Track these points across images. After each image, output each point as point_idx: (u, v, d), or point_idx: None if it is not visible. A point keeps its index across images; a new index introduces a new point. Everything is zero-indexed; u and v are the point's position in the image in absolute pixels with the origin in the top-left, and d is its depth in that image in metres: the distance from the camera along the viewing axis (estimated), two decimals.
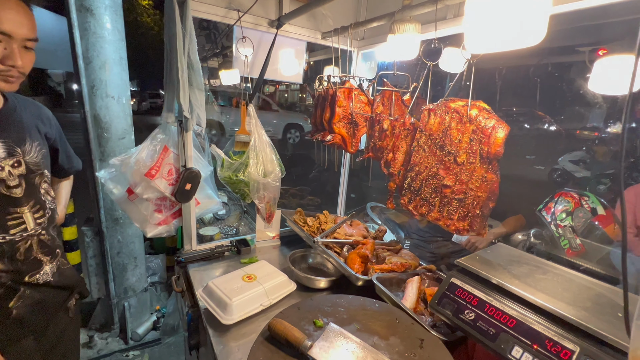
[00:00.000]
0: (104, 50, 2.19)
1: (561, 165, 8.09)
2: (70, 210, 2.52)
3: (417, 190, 1.35)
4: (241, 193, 1.75)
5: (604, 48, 3.14)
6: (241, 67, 1.82)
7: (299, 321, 1.09)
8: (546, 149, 9.43)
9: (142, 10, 14.79)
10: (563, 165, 8.06)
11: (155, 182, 1.63)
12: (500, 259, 1.15)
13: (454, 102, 1.21)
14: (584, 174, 7.52)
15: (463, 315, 1.01)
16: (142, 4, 14.49)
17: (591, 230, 1.94)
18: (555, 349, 0.83)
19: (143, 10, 14.81)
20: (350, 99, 1.69)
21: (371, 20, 1.58)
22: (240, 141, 1.75)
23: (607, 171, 6.96)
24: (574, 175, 7.67)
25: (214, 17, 1.63)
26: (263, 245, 1.99)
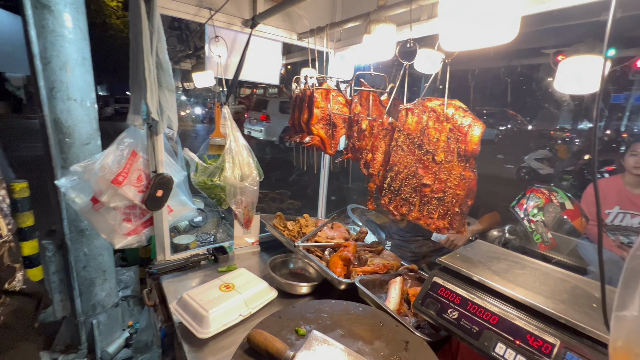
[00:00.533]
0: (65, 50, 2.04)
1: (527, 164, 8.56)
2: (29, 222, 2.32)
3: (397, 190, 1.34)
4: (217, 198, 1.68)
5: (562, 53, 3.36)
6: (215, 68, 1.76)
7: (280, 330, 1.04)
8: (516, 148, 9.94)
9: (111, 12, 14.16)
10: (529, 164, 8.53)
11: (123, 189, 1.52)
12: (480, 255, 1.16)
13: (431, 101, 1.22)
14: (547, 171, 8.00)
15: (446, 315, 1.01)
16: (110, 6, 13.88)
17: (561, 224, 2.03)
18: (536, 343, 0.83)
19: (111, 12, 14.18)
20: (328, 100, 1.67)
21: (347, 21, 1.57)
22: (215, 144, 1.68)
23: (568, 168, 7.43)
24: (539, 172, 8.14)
25: (184, 15, 1.56)
26: (242, 252, 1.91)
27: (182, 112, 3.36)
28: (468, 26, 0.76)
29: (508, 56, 3.69)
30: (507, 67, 3.92)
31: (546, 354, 0.81)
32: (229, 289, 1.32)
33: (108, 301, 2.64)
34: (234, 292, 1.31)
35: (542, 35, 2.32)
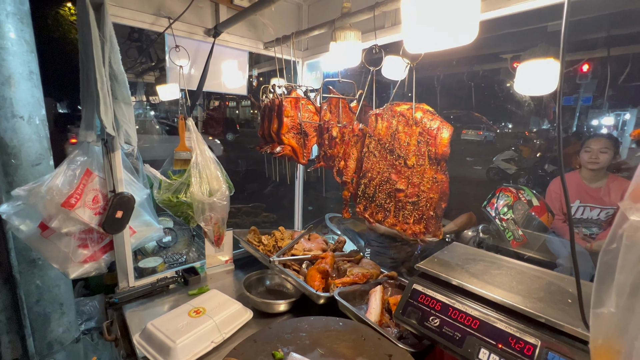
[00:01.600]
0: (7, 64, 1.86)
1: (496, 164, 9.01)
2: None
3: (372, 196, 1.31)
4: (184, 216, 1.57)
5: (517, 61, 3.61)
6: (177, 79, 1.68)
7: (255, 356, 0.96)
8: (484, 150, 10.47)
9: (70, 26, 13.50)
10: (497, 164, 8.99)
11: (76, 212, 1.38)
12: (457, 258, 1.15)
13: (399, 106, 1.22)
14: (514, 171, 8.46)
15: (428, 323, 0.98)
16: (69, 20, 13.24)
17: (530, 220, 2.11)
18: (518, 345, 0.82)
19: (71, 26, 13.53)
20: (297, 109, 1.64)
21: (312, 29, 1.55)
22: (179, 159, 1.59)
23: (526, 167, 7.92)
24: (507, 172, 8.59)
25: (140, 24, 1.47)
26: (215, 271, 1.80)
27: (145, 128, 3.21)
28: (430, 29, 0.75)
29: (470, 62, 3.90)
30: (470, 72, 4.14)
31: (528, 355, 0.79)
32: (199, 314, 1.22)
33: (67, 337, 2.39)
34: (205, 317, 1.21)
35: (500, 41, 2.46)
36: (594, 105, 11.14)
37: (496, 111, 10.80)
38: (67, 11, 13.94)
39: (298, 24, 2.02)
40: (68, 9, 14.13)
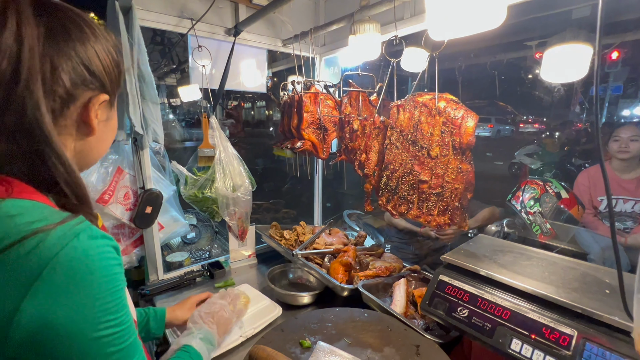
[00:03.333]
0: None
1: (518, 159, 8.69)
2: None
3: (394, 188, 1.31)
4: (209, 211, 1.62)
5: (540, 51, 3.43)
6: (199, 78, 1.72)
7: (283, 344, 0.98)
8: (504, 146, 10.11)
9: None
10: (520, 159, 8.67)
11: (110, 208, 1.46)
12: (484, 250, 1.13)
13: (421, 96, 1.20)
14: (538, 165, 8.12)
15: (456, 314, 0.96)
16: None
17: (558, 213, 2.02)
18: (553, 336, 0.80)
19: None
20: (317, 104, 1.65)
21: (331, 24, 1.56)
22: (204, 156, 1.63)
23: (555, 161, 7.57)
24: (530, 167, 8.26)
25: (165, 27, 1.53)
26: (238, 265, 1.85)
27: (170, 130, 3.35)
28: (455, 13, 0.74)
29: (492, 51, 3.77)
30: (493, 61, 4.00)
31: (564, 346, 0.77)
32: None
33: None
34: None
35: (524, 28, 2.38)
36: (624, 95, 10.52)
37: (522, 101, 10.30)
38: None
39: (315, 19, 2.02)
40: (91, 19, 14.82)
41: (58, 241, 0.43)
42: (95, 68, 0.52)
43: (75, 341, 0.43)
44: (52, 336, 0.42)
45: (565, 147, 7.62)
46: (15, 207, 0.44)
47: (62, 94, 0.48)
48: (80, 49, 0.50)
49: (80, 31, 0.51)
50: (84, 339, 0.44)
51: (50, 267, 0.41)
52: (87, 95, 0.52)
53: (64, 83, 0.48)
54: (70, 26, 0.50)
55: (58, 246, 0.43)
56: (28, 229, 0.42)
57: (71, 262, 0.43)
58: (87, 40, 0.51)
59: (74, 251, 0.43)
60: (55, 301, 0.42)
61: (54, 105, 0.48)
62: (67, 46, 0.49)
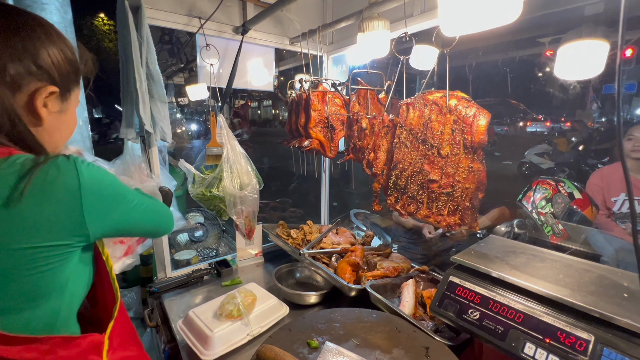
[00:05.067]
0: None
1: (528, 159, 8.53)
2: None
3: (403, 188, 1.29)
4: (217, 210, 1.62)
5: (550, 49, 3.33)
6: (208, 77, 1.73)
7: (291, 344, 0.97)
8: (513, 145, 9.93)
9: (103, 36, 14.32)
10: (530, 159, 8.51)
11: None
12: (495, 251, 1.11)
13: (432, 94, 1.18)
14: (549, 165, 7.96)
15: (467, 316, 0.94)
16: (102, 30, 14.02)
17: (571, 214, 1.98)
18: (569, 340, 0.77)
19: (104, 35, 14.34)
20: (324, 102, 1.64)
21: (339, 21, 1.55)
22: (211, 154, 1.64)
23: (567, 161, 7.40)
24: (540, 167, 8.10)
25: (174, 25, 1.53)
26: (245, 264, 1.85)
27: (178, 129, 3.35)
28: (470, 8, 0.72)
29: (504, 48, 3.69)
30: (505, 59, 3.91)
31: (580, 351, 0.75)
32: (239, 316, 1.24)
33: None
34: (242, 320, 1.23)
35: (536, 24, 2.32)
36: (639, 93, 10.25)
37: (534, 99, 10.03)
38: (101, 21, 14.75)
39: (323, 17, 2.01)
40: (101, 19, 14.95)
41: (66, 162, 0.56)
42: (43, 62, 0.59)
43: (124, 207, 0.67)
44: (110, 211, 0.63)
45: (579, 147, 7.44)
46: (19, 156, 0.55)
47: (8, 81, 0.55)
48: (28, 45, 0.58)
49: (31, 31, 0.59)
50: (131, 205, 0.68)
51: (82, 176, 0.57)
52: (34, 85, 0.59)
53: (9, 71, 0.55)
54: (22, 26, 0.58)
55: (67, 165, 0.56)
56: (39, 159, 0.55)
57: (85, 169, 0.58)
58: (36, 38, 0.59)
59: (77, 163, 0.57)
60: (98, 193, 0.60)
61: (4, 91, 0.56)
62: (14, 41, 0.56)
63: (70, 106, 0.68)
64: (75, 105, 0.70)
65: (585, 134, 7.73)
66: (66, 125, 0.69)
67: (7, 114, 0.56)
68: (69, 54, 0.64)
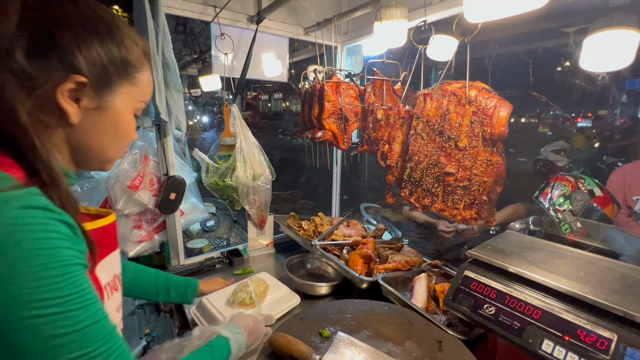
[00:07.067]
0: None
1: (544, 156, 8.29)
2: None
3: (418, 181, 1.27)
4: (230, 199, 1.64)
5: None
6: (221, 68, 1.73)
7: (303, 333, 0.98)
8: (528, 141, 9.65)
9: None
10: (546, 156, 8.27)
11: (139, 194, 1.49)
12: (512, 246, 1.08)
13: (450, 85, 1.15)
14: (565, 163, 7.72)
15: (482, 311, 0.93)
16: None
17: (590, 212, 1.92)
18: (589, 338, 0.75)
19: None
20: (338, 93, 1.62)
21: (355, 10, 1.52)
22: (225, 144, 1.65)
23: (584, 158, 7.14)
24: (556, 164, 7.87)
25: (189, 14, 1.53)
26: (257, 254, 1.87)
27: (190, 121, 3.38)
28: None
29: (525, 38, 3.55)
30: (527, 49, 3.75)
31: (602, 350, 0.73)
32: (251, 304, 1.25)
33: (124, 310, 2.62)
34: (254, 308, 1.24)
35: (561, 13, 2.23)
36: None
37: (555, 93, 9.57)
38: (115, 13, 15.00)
39: (338, 6, 1.97)
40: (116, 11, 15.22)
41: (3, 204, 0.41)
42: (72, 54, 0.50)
43: (3, 319, 0.40)
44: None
45: (595, 144, 7.19)
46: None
47: (16, 70, 0.47)
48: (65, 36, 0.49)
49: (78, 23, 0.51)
50: (13, 317, 0.40)
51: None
52: (54, 75, 0.49)
53: (18, 59, 0.46)
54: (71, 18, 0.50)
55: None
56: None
57: (5, 227, 0.40)
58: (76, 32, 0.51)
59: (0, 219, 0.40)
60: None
61: (13, 85, 0.47)
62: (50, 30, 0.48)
63: (115, 105, 0.57)
64: (126, 106, 0.60)
65: (606, 131, 7.45)
66: (110, 125, 0.58)
67: (3, 109, 0.46)
68: (115, 50, 0.55)
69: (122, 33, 0.57)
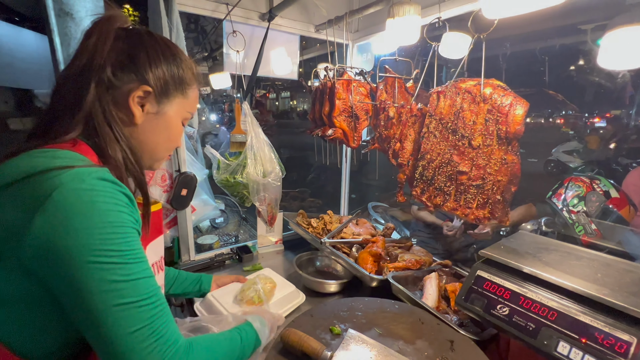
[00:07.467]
0: None
1: (555, 157, 8.11)
2: None
3: (430, 179, 1.26)
4: (240, 196, 1.65)
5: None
6: (232, 66, 1.74)
7: (313, 330, 0.98)
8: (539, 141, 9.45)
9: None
10: (557, 157, 8.09)
11: (150, 189, 1.51)
12: (526, 247, 1.06)
13: (465, 82, 1.14)
14: (577, 164, 7.54)
15: (495, 311, 0.92)
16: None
17: (606, 214, 1.87)
18: (607, 341, 0.74)
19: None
20: (349, 91, 1.61)
21: (367, 7, 1.51)
22: (236, 141, 1.65)
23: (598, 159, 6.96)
24: (568, 165, 7.69)
25: (202, 12, 1.54)
26: (266, 251, 1.88)
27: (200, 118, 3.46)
28: None
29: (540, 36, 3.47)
30: (544, 47, 3.66)
31: (621, 353, 0.71)
32: (260, 302, 1.25)
33: None
34: (263, 306, 1.24)
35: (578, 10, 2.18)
36: None
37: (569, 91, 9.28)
38: (126, 12, 15.16)
39: (349, 3, 1.96)
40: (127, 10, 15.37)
41: (71, 176, 0.51)
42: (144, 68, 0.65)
43: (72, 261, 0.49)
44: (54, 253, 0.49)
45: (610, 145, 7.01)
46: (66, 154, 0.55)
47: (105, 80, 0.62)
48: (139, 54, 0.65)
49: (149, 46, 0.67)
50: (81, 260, 0.49)
51: (58, 191, 0.49)
52: (130, 85, 0.64)
53: (107, 72, 0.62)
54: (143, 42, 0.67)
55: (69, 178, 0.51)
56: (55, 164, 0.52)
57: (76, 191, 0.50)
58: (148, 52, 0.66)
59: (81, 184, 0.51)
60: (57, 222, 0.49)
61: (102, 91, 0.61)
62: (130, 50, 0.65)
63: (170, 112, 0.71)
64: (177, 114, 0.74)
65: (622, 131, 7.25)
66: (164, 128, 0.72)
67: (92, 107, 0.60)
68: (175, 70, 0.70)
69: (181, 59, 0.72)
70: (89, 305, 0.50)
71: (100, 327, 0.51)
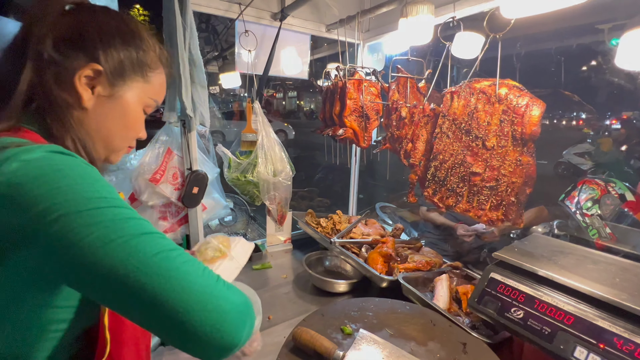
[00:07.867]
0: None
1: (566, 159, 7.96)
2: None
3: (442, 180, 1.25)
4: (250, 195, 1.66)
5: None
6: (244, 65, 1.75)
7: (324, 329, 0.98)
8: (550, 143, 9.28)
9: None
10: (568, 159, 7.94)
11: (161, 187, 1.53)
12: (541, 249, 1.05)
13: (479, 83, 1.12)
14: (589, 166, 7.38)
15: (509, 314, 0.91)
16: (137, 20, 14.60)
17: (620, 217, 1.83)
18: (627, 347, 0.72)
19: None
20: (360, 91, 1.61)
21: (379, 6, 1.50)
22: (246, 140, 1.66)
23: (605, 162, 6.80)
24: (579, 168, 7.54)
25: (215, 11, 1.55)
26: (275, 250, 1.88)
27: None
28: None
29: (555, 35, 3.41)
30: (559, 47, 3.59)
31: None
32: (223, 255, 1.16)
33: None
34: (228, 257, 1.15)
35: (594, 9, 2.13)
36: None
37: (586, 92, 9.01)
38: (136, 12, 15.42)
39: (361, 3, 1.96)
40: (137, 9, 15.64)
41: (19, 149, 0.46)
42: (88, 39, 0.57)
43: (75, 215, 0.44)
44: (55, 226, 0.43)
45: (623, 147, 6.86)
46: (6, 139, 0.48)
47: (44, 54, 0.54)
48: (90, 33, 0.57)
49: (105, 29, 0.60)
50: (80, 209, 0.44)
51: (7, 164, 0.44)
52: (77, 62, 0.56)
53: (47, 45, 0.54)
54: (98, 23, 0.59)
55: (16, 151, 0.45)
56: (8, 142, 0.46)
57: (38, 162, 0.45)
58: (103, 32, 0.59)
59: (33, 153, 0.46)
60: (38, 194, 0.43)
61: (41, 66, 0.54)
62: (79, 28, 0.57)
63: (127, 96, 0.63)
64: (137, 100, 0.65)
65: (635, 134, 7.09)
66: (120, 114, 0.63)
67: (30, 86, 0.53)
68: (133, 50, 0.62)
69: (142, 38, 0.64)
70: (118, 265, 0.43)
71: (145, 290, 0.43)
